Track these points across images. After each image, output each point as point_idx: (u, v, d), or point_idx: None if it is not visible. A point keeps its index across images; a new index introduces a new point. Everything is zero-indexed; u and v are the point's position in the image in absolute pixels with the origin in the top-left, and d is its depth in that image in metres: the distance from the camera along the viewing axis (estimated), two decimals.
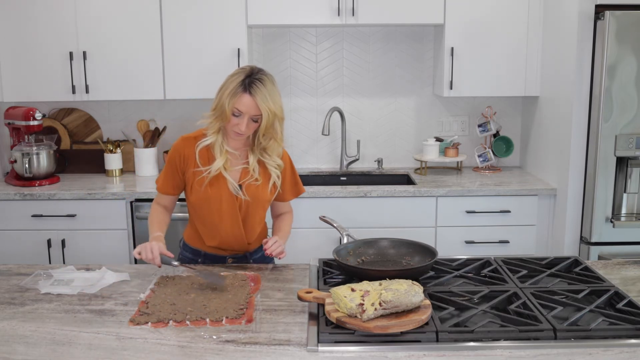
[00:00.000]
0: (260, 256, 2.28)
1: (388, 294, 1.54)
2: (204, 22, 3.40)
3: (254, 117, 2.02)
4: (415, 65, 3.84)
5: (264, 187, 2.15)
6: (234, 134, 2.06)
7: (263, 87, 1.99)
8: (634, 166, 3.01)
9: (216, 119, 2.06)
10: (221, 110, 2.02)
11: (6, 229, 3.30)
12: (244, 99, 1.98)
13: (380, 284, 1.66)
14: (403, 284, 1.61)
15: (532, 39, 3.45)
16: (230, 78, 2.04)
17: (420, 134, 3.91)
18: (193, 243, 2.26)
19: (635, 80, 2.93)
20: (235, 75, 2.04)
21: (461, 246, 3.33)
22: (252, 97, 1.98)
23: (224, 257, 2.22)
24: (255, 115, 2.01)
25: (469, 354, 1.46)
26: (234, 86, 2.00)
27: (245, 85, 1.98)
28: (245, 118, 2.01)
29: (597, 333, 1.52)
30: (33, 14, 3.37)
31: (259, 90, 1.98)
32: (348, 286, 1.66)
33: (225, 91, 2.01)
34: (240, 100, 1.98)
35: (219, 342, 1.54)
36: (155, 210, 2.21)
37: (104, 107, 3.84)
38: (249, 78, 2.00)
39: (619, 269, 2.07)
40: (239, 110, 1.99)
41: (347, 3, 3.37)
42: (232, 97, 1.99)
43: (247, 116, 2.00)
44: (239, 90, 1.98)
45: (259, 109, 1.99)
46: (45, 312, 1.73)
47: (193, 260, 2.24)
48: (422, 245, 2.00)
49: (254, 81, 1.99)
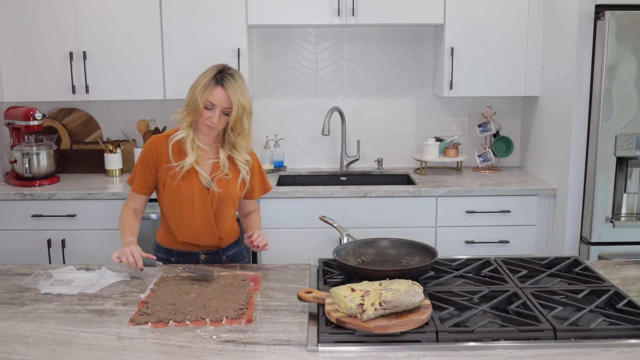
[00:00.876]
0: (234, 253, 2.34)
1: (388, 294, 1.54)
2: (204, 22, 3.40)
3: (225, 110, 2.11)
4: (415, 65, 3.84)
5: (234, 182, 2.22)
6: (206, 127, 2.14)
7: (234, 81, 2.11)
8: (634, 166, 3.01)
9: (188, 114, 2.15)
10: (194, 104, 2.12)
11: (6, 229, 3.30)
12: (216, 91, 2.09)
13: (380, 284, 1.66)
14: (403, 284, 1.61)
15: (532, 39, 3.45)
16: (202, 75, 2.15)
17: (420, 134, 3.91)
18: (165, 243, 2.31)
19: (635, 80, 2.93)
20: (207, 71, 2.15)
21: (461, 246, 3.33)
22: (224, 90, 2.09)
23: (196, 253, 2.27)
24: (226, 107, 2.11)
25: (469, 354, 1.46)
26: (206, 80, 2.11)
27: (218, 79, 2.10)
28: (217, 110, 2.10)
29: (597, 333, 1.52)
30: (33, 14, 3.37)
31: (230, 84, 2.10)
32: (348, 286, 1.66)
33: (198, 86, 2.12)
34: (212, 93, 2.09)
35: (219, 342, 1.54)
36: (126, 215, 2.24)
37: (104, 107, 3.84)
38: (221, 73, 2.12)
39: (619, 269, 2.07)
40: (212, 102, 2.10)
41: (347, 3, 3.37)
42: (204, 90, 2.10)
43: (219, 109, 2.10)
44: (212, 83, 2.10)
45: (230, 101, 2.10)
46: (45, 312, 1.73)
47: (167, 260, 2.28)
48: (422, 245, 2.00)
49: (226, 75, 2.11)
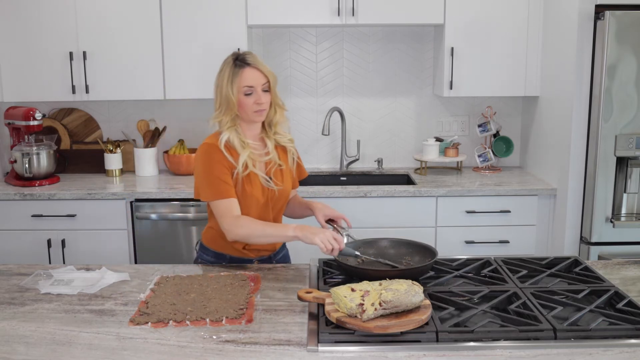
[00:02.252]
0: (282, 256, 2.30)
1: (388, 294, 1.54)
2: (204, 22, 3.40)
3: (263, 87, 2.05)
4: (415, 65, 3.84)
5: (288, 172, 2.20)
6: (256, 114, 2.06)
7: (254, 57, 2.06)
8: (634, 166, 3.01)
9: (225, 113, 2.06)
10: (227, 101, 2.03)
11: (6, 229, 3.30)
12: (247, 72, 2.02)
13: (380, 284, 1.66)
14: (403, 284, 1.61)
15: (532, 39, 3.45)
16: (221, 71, 2.07)
17: (420, 134, 3.91)
18: (216, 247, 2.19)
19: (635, 80, 2.93)
20: (224, 66, 2.07)
21: (461, 246, 3.33)
22: (253, 67, 2.03)
23: (250, 260, 2.18)
24: (264, 83, 2.04)
25: (469, 354, 1.46)
26: (229, 70, 2.03)
27: (239, 63, 2.03)
28: (258, 90, 2.03)
29: (597, 333, 1.52)
30: (33, 14, 3.37)
31: (254, 60, 2.04)
32: (348, 286, 1.66)
33: (223, 81, 2.04)
34: (244, 76, 2.01)
35: (219, 342, 1.53)
36: (249, 221, 2.00)
37: (104, 107, 3.84)
38: (239, 57, 2.05)
39: (619, 269, 2.07)
40: (249, 85, 2.02)
41: (347, 3, 3.37)
42: (233, 79, 2.01)
43: (258, 88, 2.03)
44: (237, 70, 2.02)
45: (264, 74, 2.04)
46: (45, 312, 1.73)
47: (216, 264, 2.18)
48: (422, 245, 2.00)
49: (245, 56, 2.05)
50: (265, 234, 1.97)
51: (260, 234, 1.97)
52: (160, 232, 3.32)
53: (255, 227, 1.98)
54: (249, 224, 1.98)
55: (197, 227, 3.30)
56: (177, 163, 3.66)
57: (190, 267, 2.13)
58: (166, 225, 3.31)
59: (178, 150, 3.70)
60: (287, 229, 1.93)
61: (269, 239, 2.00)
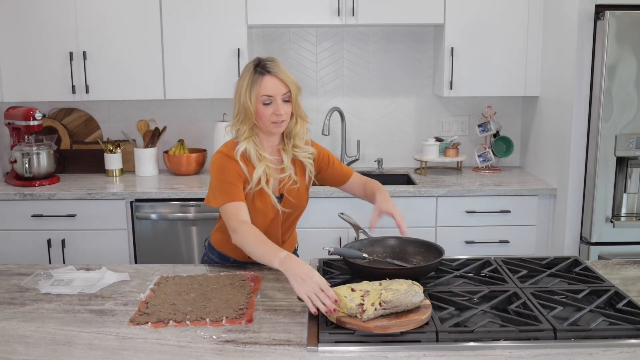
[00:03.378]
0: None
1: (388, 294, 1.54)
2: (204, 22, 3.40)
3: (284, 97, 1.95)
4: (415, 65, 3.84)
5: (303, 190, 2.11)
6: (274, 125, 1.96)
7: (277, 64, 1.95)
8: (634, 166, 3.01)
9: (242, 123, 1.96)
10: (245, 110, 1.94)
11: (6, 229, 3.30)
12: (266, 81, 1.92)
13: (380, 284, 1.66)
14: (403, 284, 1.61)
15: (532, 39, 3.45)
16: (241, 78, 1.97)
17: (420, 134, 3.91)
18: (222, 248, 2.17)
19: (635, 80, 2.93)
20: (244, 72, 1.97)
21: (461, 246, 3.33)
22: (274, 76, 1.92)
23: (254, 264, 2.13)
24: (284, 93, 1.94)
25: (469, 354, 1.46)
26: (249, 78, 1.93)
27: (260, 70, 1.93)
28: (278, 100, 1.93)
29: (597, 333, 1.52)
30: (33, 14, 3.37)
31: (275, 68, 1.93)
32: (348, 286, 1.66)
33: (242, 89, 1.94)
34: (263, 85, 1.92)
35: (219, 342, 1.53)
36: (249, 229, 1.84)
37: (104, 107, 3.84)
38: (260, 64, 1.95)
39: (619, 269, 2.07)
40: (268, 94, 1.92)
41: (347, 3, 3.37)
42: (252, 87, 1.92)
43: (278, 97, 1.93)
44: (257, 77, 1.92)
45: (286, 84, 1.94)
46: (45, 312, 1.73)
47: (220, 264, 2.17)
48: (429, 244, 2.01)
49: (267, 63, 1.94)
50: (254, 252, 1.80)
51: (250, 249, 1.81)
52: (160, 232, 3.32)
53: (249, 241, 1.82)
54: (246, 234, 1.83)
55: (197, 227, 3.30)
56: (177, 163, 3.66)
57: (190, 267, 2.13)
58: (166, 225, 3.31)
59: (178, 150, 3.70)
60: (274, 258, 1.70)
61: (256, 258, 1.80)
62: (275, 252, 1.71)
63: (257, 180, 1.98)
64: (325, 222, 3.27)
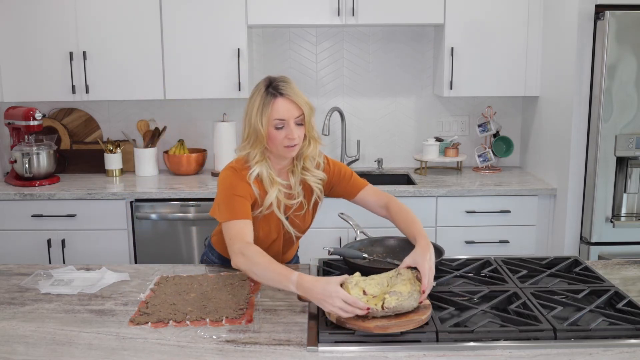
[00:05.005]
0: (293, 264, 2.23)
1: (392, 299, 1.54)
2: (204, 22, 3.40)
3: (297, 120, 1.85)
4: (415, 65, 3.84)
5: (308, 214, 2.06)
6: (287, 150, 1.87)
7: (290, 86, 1.86)
8: (634, 166, 3.01)
9: (253, 146, 1.88)
10: (255, 133, 1.85)
11: (6, 229, 3.30)
12: (279, 103, 1.82)
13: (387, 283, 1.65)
14: (407, 284, 1.62)
15: (532, 39, 3.45)
16: (251, 98, 1.87)
17: (420, 134, 3.91)
18: (222, 251, 2.14)
19: (635, 80, 2.93)
20: (254, 92, 1.87)
21: (461, 246, 3.33)
22: (287, 98, 1.83)
23: None
24: (297, 116, 1.85)
25: (469, 354, 1.46)
26: (260, 101, 1.83)
27: (272, 92, 1.83)
28: (291, 124, 1.84)
29: (597, 333, 1.52)
30: (33, 14, 3.37)
31: (288, 89, 1.84)
32: (361, 287, 1.64)
33: (253, 111, 1.84)
34: (276, 108, 1.82)
35: (219, 342, 1.54)
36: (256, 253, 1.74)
37: (104, 107, 3.84)
38: (272, 84, 1.85)
39: (619, 269, 2.07)
40: (280, 118, 1.82)
41: (347, 3, 3.37)
42: (264, 110, 1.82)
43: (291, 121, 1.83)
44: (269, 100, 1.82)
45: (299, 106, 1.84)
46: (45, 312, 1.73)
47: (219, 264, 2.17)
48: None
49: (279, 84, 1.85)
50: (264, 277, 1.70)
51: (260, 274, 1.70)
52: (160, 232, 3.32)
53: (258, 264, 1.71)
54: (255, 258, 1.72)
55: (197, 227, 3.30)
56: (177, 163, 3.66)
57: (190, 267, 2.13)
58: (166, 225, 3.31)
59: (178, 150, 3.70)
60: (289, 282, 1.62)
61: (269, 276, 1.68)
62: (288, 277, 1.62)
63: (269, 205, 1.92)
64: (325, 222, 3.26)
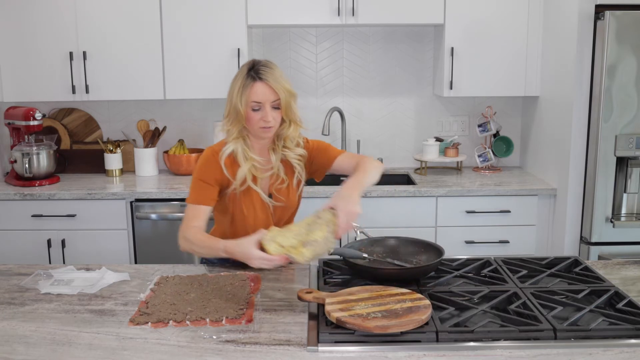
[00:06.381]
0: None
1: (308, 251, 1.67)
2: (204, 22, 3.40)
3: (273, 104, 1.95)
4: (415, 65, 3.84)
5: (292, 189, 2.11)
6: (262, 130, 1.98)
7: (271, 70, 1.95)
8: (634, 166, 3.01)
9: (232, 124, 1.99)
10: (235, 112, 1.96)
11: (6, 229, 3.30)
12: (257, 87, 1.93)
13: (307, 230, 1.74)
14: (323, 227, 1.73)
15: (532, 39, 3.45)
16: (234, 78, 1.99)
17: (420, 134, 3.91)
18: None
19: (635, 80, 2.93)
20: (238, 73, 1.99)
21: (461, 246, 3.33)
22: (265, 82, 1.92)
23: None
24: (274, 100, 1.94)
25: (469, 354, 1.46)
26: (241, 81, 1.95)
27: (253, 75, 1.94)
28: (267, 107, 1.94)
29: (597, 333, 1.52)
30: (33, 14, 3.37)
31: (268, 74, 1.93)
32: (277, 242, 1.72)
33: (234, 91, 1.96)
34: (253, 91, 1.93)
35: (219, 342, 1.53)
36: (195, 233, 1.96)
37: (104, 107, 3.84)
38: (254, 68, 1.95)
39: (619, 269, 2.07)
40: (257, 101, 1.93)
41: (347, 3, 3.37)
42: (243, 91, 1.93)
43: (267, 104, 1.94)
44: (248, 82, 1.93)
45: (275, 92, 1.93)
46: (45, 312, 1.73)
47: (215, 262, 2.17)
48: (429, 244, 2.01)
49: (260, 68, 1.95)
50: (202, 252, 1.95)
51: (198, 249, 1.94)
52: (160, 232, 3.32)
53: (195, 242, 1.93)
54: (193, 238, 1.94)
55: None
56: (177, 163, 3.66)
57: (190, 267, 2.13)
58: (166, 225, 3.31)
59: (178, 150, 3.70)
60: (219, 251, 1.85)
61: (206, 250, 1.93)
62: (218, 247, 1.85)
63: (243, 179, 2.00)
64: None
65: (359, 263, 1.87)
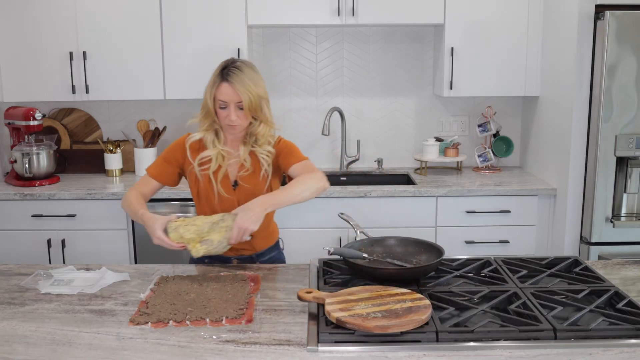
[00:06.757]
0: (269, 258, 2.27)
1: (202, 248, 1.89)
2: (204, 22, 3.40)
3: (238, 105, 2.04)
4: (415, 65, 3.84)
5: (256, 176, 2.15)
6: (228, 127, 2.10)
7: (240, 73, 2.03)
8: (634, 166, 3.01)
9: (204, 117, 2.13)
10: (206, 107, 2.09)
11: (6, 229, 3.30)
12: (223, 87, 2.03)
13: (209, 228, 1.91)
14: (222, 231, 1.90)
15: (532, 39, 3.45)
16: (213, 74, 2.09)
17: (420, 134, 3.91)
18: None
19: (635, 80, 2.93)
20: (215, 70, 2.08)
21: (461, 246, 3.33)
22: (230, 84, 2.02)
23: (228, 258, 2.19)
24: (238, 102, 2.04)
25: (469, 354, 1.46)
26: (213, 79, 2.06)
27: (223, 74, 2.04)
28: (231, 107, 2.04)
29: (597, 333, 1.52)
30: (33, 14, 3.37)
31: (235, 77, 2.02)
32: (179, 233, 1.91)
33: (208, 87, 2.08)
34: (220, 90, 2.03)
35: (219, 342, 1.54)
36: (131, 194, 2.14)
37: (104, 107, 3.84)
38: (226, 68, 2.05)
39: (619, 269, 2.07)
40: (222, 100, 2.04)
41: (347, 3, 3.37)
42: (211, 89, 2.05)
43: (232, 105, 2.04)
44: (217, 80, 2.04)
45: (239, 95, 2.02)
46: (45, 312, 1.73)
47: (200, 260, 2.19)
48: (429, 244, 2.01)
49: (231, 69, 2.04)
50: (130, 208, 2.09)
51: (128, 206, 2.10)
52: None
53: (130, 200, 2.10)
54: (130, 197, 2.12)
55: None
56: None
57: (191, 267, 2.13)
58: None
59: None
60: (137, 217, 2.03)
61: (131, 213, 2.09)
62: (137, 213, 2.03)
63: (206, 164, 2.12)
64: (325, 222, 3.27)
65: (359, 263, 1.87)
